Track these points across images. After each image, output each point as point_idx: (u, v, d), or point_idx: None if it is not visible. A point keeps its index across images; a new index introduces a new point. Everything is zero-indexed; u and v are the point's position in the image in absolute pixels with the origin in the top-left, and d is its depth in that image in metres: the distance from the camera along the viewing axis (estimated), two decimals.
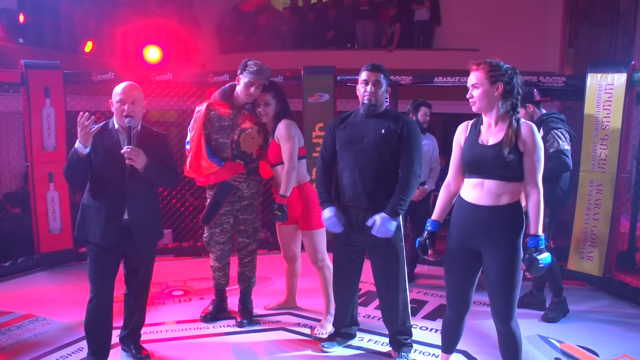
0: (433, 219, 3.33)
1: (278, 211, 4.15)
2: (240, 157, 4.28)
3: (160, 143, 3.69)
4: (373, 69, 3.70)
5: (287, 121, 4.24)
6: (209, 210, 4.33)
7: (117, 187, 3.50)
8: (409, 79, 6.21)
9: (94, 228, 3.53)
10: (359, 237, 3.75)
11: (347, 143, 3.73)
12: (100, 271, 3.57)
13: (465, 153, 3.16)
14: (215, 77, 6.45)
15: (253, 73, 4.14)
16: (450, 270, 3.25)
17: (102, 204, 3.51)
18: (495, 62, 3.09)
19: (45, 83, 6.02)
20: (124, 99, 3.49)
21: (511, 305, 3.09)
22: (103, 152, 3.49)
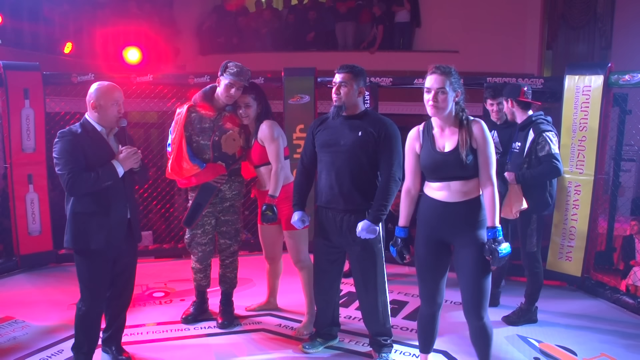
0: (401, 226, 3.42)
1: (268, 211, 4.13)
2: (221, 158, 4.27)
3: (130, 139, 3.67)
4: (341, 70, 3.70)
5: (270, 122, 4.24)
6: (191, 212, 4.32)
7: (120, 189, 3.52)
8: (389, 80, 6.23)
9: (99, 234, 3.45)
10: (338, 239, 3.77)
11: (324, 145, 3.74)
12: (104, 278, 3.56)
13: (425, 161, 3.25)
14: (196, 79, 6.43)
15: (233, 74, 4.14)
16: (421, 265, 3.33)
17: (108, 209, 3.48)
18: (454, 69, 3.18)
19: (25, 84, 5.95)
20: (119, 101, 3.50)
21: (483, 298, 3.16)
22: (96, 157, 3.44)
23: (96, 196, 3.45)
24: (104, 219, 3.47)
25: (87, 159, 3.42)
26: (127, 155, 3.50)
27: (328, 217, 3.75)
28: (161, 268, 6.23)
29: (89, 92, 3.53)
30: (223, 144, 4.24)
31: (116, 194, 3.50)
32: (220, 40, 12.57)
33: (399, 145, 3.65)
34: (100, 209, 3.47)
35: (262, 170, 4.31)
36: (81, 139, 3.42)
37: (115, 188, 3.49)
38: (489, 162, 3.13)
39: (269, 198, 4.16)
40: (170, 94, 6.94)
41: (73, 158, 3.38)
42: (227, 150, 4.26)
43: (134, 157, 3.52)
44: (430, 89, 3.15)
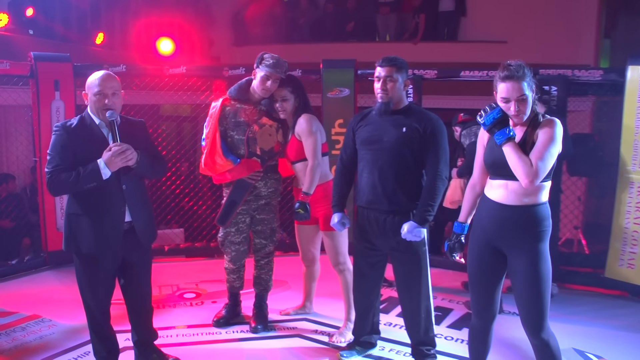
0: (460, 221, 3.33)
1: (300, 209, 4.10)
2: (256, 154, 4.24)
3: (142, 131, 3.55)
4: (384, 63, 3.60)
5: (308, 116, 4.20)
6: (225, 209, 4.30)
7: (114, 189, 3.34)
8: (433, 73, 6.13)
9: (90, 238, 3.33)
10: (380, 241, 3.70)
11: (366, 142, 3.68)
12: (101, 286, 3.43)
13: (487, 155, 3.15)
14: (231, 71, 6.41)
15: (270, 66, 4.10)
16: (473, 272, 3.21)
17: (101, 211, 3.33)
18: (526, 66, 3.00)
19: (55, 76, 6.03)
20: (104, 91, 3.31)
21: (540, 314, 3.00)
22: (90, 153, 3.28)
23: (88, 196, 3.31)
24: (95, 222, 3.33)
25: (79, 155, 3.28)
26: (112, 154, 3.24)
27: (370, 219, 3.68)
28: (192, 268, 6.25)
29: None
30: (258, 139, 4.22)
31: (110, 194, 3.34)
32: (255, 30, 12.57)
33: (445, 142, 3.57)
34: (91, 210, 3.33)
35: (299, 167, 4.27)
36: (74, 134, 3.31)
37: (109, 188, 3.32)
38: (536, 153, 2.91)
39: (302, 195, 4.13)
40: (203, 87, 6.95)
41: (58, 155, 3.28)
42: (262, 145, 4.23)
43: (122, 156, 3.25)
44: (509, 99, 2.97)
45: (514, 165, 2.92)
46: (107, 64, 6.30)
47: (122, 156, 3.25)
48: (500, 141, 2.96)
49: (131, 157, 3.28)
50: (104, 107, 3.31)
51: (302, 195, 4.13)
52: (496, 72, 3.02)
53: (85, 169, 3.23)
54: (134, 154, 3.30)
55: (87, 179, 3.23)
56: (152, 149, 3.59)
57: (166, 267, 6.25)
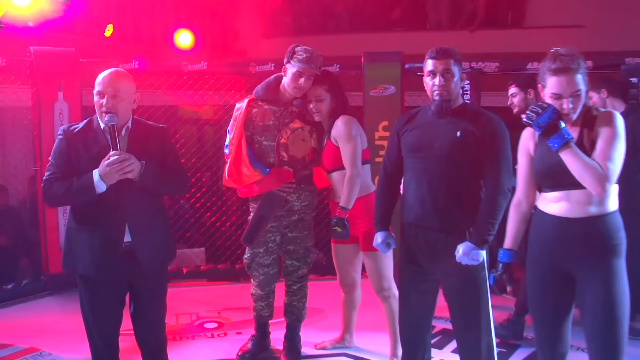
0: (506, 248, 3.31)
1: (338, 227, 4.09)
2: (288, 162, 4.26)
3: (159, 140, 3.54)
4: (440, 55, 3.54)
5: (347, 118, 4.20)
6: (252, 226, 4.31)
7: (113, 203, 3.32)
8: (494, 65, 6.09)
9: (85, 256, 3.35)
10: (430, 264, 3.65)
11: (414, 148, 3.63)
12: (103, 314, 3.44)
13: (538, 165, 3.13)
14: (258, 67, 6.46)
15: (302, 61, 4.12)
16: (535, 303, 3.18)
17: (95, 227, 3.34)
18: (580, 57, 2.99)
19: (58, 73, 6.13)
20: (103, 91, 3.32)
21: (614, 350, 2.96)
22: (90, 160, 3.30)
23: (86, 209, 3.34)
24: (91, 238, 3.35)
25: (81, 164, 3.32)
26: (108, 164, 3.22)
27: (418, 238, 3.64)
28: (214, 293, 6.29)
29: None
30: (290, 145, 4.23)
31: (109, 209, 3.33)
32: (287, 20, 12.64)
33: (507, 148, 3.50)
34: (87, 225, 3.36)
35: (336, 177, 4.27)
36: (75, 139, 3.34)
37: (108, 202, 3.31)
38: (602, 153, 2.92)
39: (339, 210, 4.13)
40: (227, 85, 7.01)
41: (56, 162, 3.34)
42: (295, 152, 4.24)
43: (118, 167, 3.21)
44: (561, 95, 2.98)
45: (580, 171, 2.89)
46: (117, 60, 6.40)
47: (119, 167, 3.22)
48: (558, 145, 2.93)
49: (130, 169, 3.24)
50: (101, 109, 3.32)
51: (340, 210, 4.13)
52: (544, 63, 3.01)
53: (79, 180, 3.25)
54: (134, 165, 3.25)
55: (79, 191, 3.26)
56: (171, 160, 3.57)
57: (184, 292, 6.30)
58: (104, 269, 3.35)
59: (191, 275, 6.71)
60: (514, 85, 5.07)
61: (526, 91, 4.96)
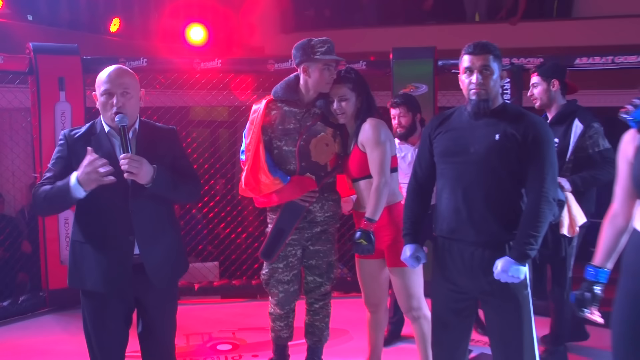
0: (596, 265, 3.19)
1: (362, 240, 4.06)
2: (311, 169, 4.26)
3: (168, 142, 3.56)
4: (477, 50, 3.53)
5: (375, 120, 4.19)
6: (271, 240, 4.32)
7: (121, 213, 3.34)
8: (538, 61, 6.05)
9: (93, 271, 3.37)
10: (466, 281, 3.62)
11: (447, 153, 3.62)
12: (108, 334, 3.45)
13: (636, 172, 3.02)
14: (277, 64, 6.48)
15: (328, 52, 4.15)
16: (621, 336, 3.06)
17: (102, 239, 3.37)
18: None
19: (60, 72, 6.18)
20: (111, 89, 3.33)
21: None
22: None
23: (92, 220, 3.38)
24: (100, 251, 3.37)
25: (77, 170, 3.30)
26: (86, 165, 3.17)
27: (452, 252, 3.62)
28: (229, 312, 6.31)
29: None
30: (313, 151, 4.24)
31: (114, 218, 3.36)
32: (308, 13, 12.67)
33: (552, 152, 3.48)
34: (95, 237, 3.39)
35: (362, 185, 4.26)
36: (76, 144, 3.37)
37: (115, 211, 3.35)
38: None
39: (364, 222, 4.11)
40: (244, 84, 7.02)
41: (54, 168, 3.37)
42: (318, 158, 4.25)
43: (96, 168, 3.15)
44: None
45: None
46: (123, 57, 6.43)
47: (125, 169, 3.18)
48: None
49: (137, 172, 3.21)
50: (111, 109, 3.33)
51: (365, 221, 4.10)
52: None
53: (59, 183, 3.25)
54: (147, 169, 3.26)
55: (58, 196, 3.24)
56: (182, 165, 3.59)
57: (196, 310, 6.32)
58: (114, 284, 3.36)
59: (203, 291, 6.72)
60: (536, 74, 4.99)
61: (549, 82, 4.86)
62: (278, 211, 4.31)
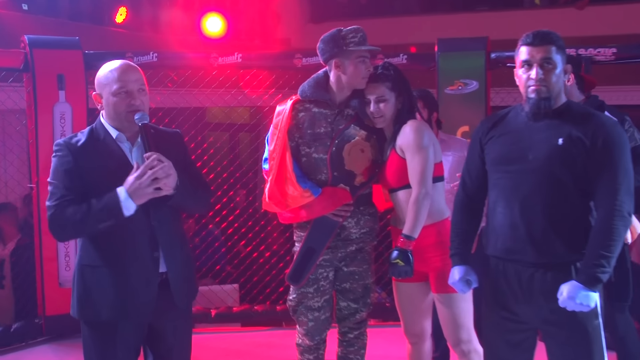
0: None
1: (399, 260, 4.04)
2: (344, 179, 4.25)
3: (176, 147, 3.60)
4: (537, 40, 3.50)
5: (417, 123, 4.17)
6: (300, 261, 4.31)
7: (143, 227, 3.38)
8: (610, 52, 5.99)
9: (110, 299, 3.36)
10: (525, 309, 3.58)
11: (501, 161, 3.60)
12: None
13: None
14: (305, 59, 6.47)
15: (362, 42, 4.16)
16: None
17: (123, 259, 3.37)
18: None
19: (59, 68, 6.21)
20: (128, 87, 3.36)
21: None
22: (106, 180, 3.31)
23: (108, 239, 3.36)
24: (119, 275, 3.37)
25: (91, 184, 3.33)
26: (139, 176, 3.24)
27: (508, 275, 3.59)
28: (250, 341, 6.33)
29: None
30: (346, 158, 4.22)
31: (137, 234, 3.39)
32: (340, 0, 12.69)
33: (627, 159, 3.43)
34: (114, 260, 3.37)
35: (401, 197, 4.23)
36: (83, 154, 3.36)
37: (135, 226, 3.36)
38: None
39: (402, 239, 4.08)
40: (267, 82, 7.02)
41: (62, 184, 3.34)
42: (352, 167, 4.23)
43: (151, 177, 3.23)
44: None
45: None
46: (131, 52, 6.46)
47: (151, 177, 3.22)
48: None
49: (168, 180, 3.26)
50: (130, 109, 3.36)
51: (403, 239, 4.07)
52: None
53: (99, 201, 3.26)
54: (172, 176, 3.29)
55: (101, 215, 3.26)
56: (192, 170, 3.64)
57: (212, 339, 6.32)
58: (138, 312, 3.38)
59: (221, 318, 6.71)
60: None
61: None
62: (307, 228, 4.30)
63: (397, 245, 4.08)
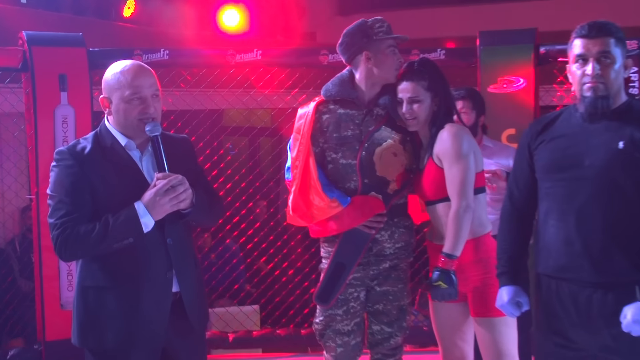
0: None
1: (442, 282, 4.02)
2: (376, 187, 4.24)
3: (187, 155, 3.64)
4: (594, 32, 3.46)
5: (455, 127, 4.15)
6: (328, 279, 4.31)
7: (156, 245, 3.41)
8: None
9: (116, 323, 3.38)
10: (582, 334, 3.55)
11: (553, 168, 3.56)
12: None
13: None
14: (331, 55, 6.43)
15: (389, 31, 4.20)
16: None
17: (133, 280, 3.38)
18: None
19: (61, 68, 6.20)
20: (141, 93, 3.37)
21: None
22: (118, 194, 3.35)
23: (117, 258, 3.36)
24: (130, 298, 3.38)
25: (100, 196, 3.34)
26: (158, 192, 3.29)
27: (562, 296, 3.56)
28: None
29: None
30: (378, 163, 4.21)
31: (150, 253, 3.41)
32: None
33: None
34: (124, 280, 3.38)
35: (439, 210, 4.22)
36: (91, 163, 3.36)
37: (148, 243, 3.38)
38: None
39: (443, 258, 4.06)
40: (290, 82, 7.01)
41: (69, 199, 3.32)
42: (384, 172, 4.23)
43: (173, 195, 3.30)
44: None
45: None
46: (140, 49, 6.47)
47: (172, 195, 3.27)
48: None
49: (185, 197, 3.31)
50: (142, 117, 3.37)
51: (444, 258, 4.05)
52: None
53: (116, 217, 3.26)
54: (189, 191, 3.33)
55: (119, 232, 3.27)
56: (202, 182, 3.66)
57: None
58: (150, 338, 3.40)
59: (240, 342, 6.70)
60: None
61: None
62: (336, 242, 4.29)
63: (438, 265, 4.06)
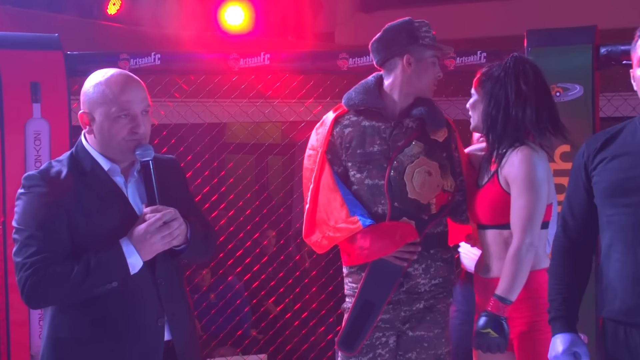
0: None
1: (490, 329, 4.00)
2: (408, 211, 4.24)
3: (177, 180, 3.64)
4: None
5: (528, 150, 4.13)
6: (354, 319, 4.31)
7: (145, 288, 3.40)
8: None
9: None
10: None
11: (617, 191, 3.53)
12: None
13: None
14: (352, 59, 6.43)
15: (433, 40, 4.24)
16: None
17: (117, 330, 3.35)
18: None
19: (33, 75, 6.20)
20: (131, 109, 3.34)
21: None
22: (100, 228, 3.33)
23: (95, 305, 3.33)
24: (112, 354, 3.36)
25: (79, 231, 3.31)
26: (149, 229, 3.28)
27: (632, 345, 3.52)
28: None
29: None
30: (409, 183, 4.23)
31: (139, 296, 3.40)
32: None
33: None
34: (103, 333, 3.35)
35: (491, 238, 4.24)
36: (67, 191, 3.32)
37: (136, 286, 3.36)
38: None
39: (494, 302, 4.04)
40: (303, 91, 7.02)
41: (42, 233, 3.26)
42: (417, 194, 4.23)
43: (166, 232, 3.30)
44: None
45: None
46: (127, 53, 6.48)
47: (166, 232, 3.28)
48: None
49: (179, 234, 3.31)
50: (131, 137, 3.35)
51: (495, 301, 4.04)
52: None
53: (99, 257, 3.24)
54: (182, 226, 3.33)
55: (101, 275, 3.25)
56: (194, 211, 3.67)
57: None
58: None
59: None
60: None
61: None
62: (361, 276, 4.29)
63: (487, 309, 4.04)
